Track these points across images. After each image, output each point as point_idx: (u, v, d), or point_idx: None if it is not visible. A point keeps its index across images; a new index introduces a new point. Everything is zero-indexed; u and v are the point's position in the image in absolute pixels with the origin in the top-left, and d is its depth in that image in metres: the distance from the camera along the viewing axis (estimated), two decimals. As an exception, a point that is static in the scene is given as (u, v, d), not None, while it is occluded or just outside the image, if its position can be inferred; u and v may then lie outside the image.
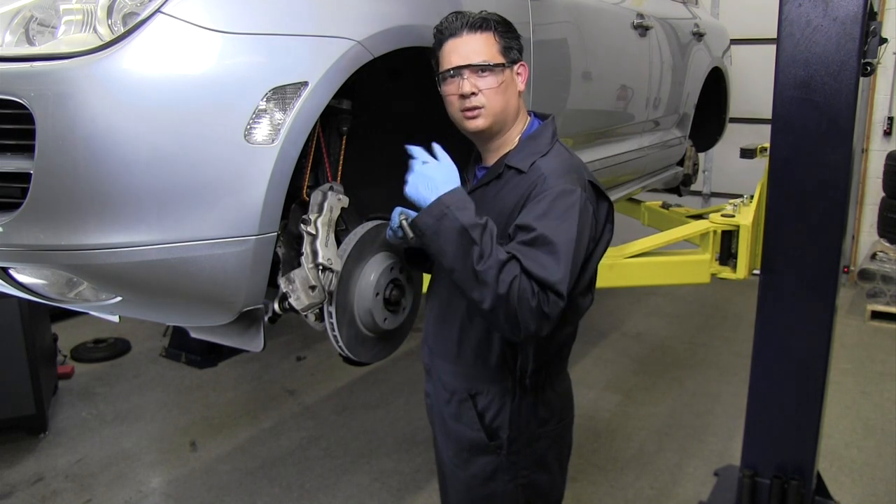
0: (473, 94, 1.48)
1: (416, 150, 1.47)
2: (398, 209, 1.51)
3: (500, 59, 1.49)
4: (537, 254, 1.36)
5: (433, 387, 1.74)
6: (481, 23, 1.49)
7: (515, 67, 1.53)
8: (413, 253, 1.70)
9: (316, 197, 1.60)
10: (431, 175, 1.40)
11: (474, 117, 1.50)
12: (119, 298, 1.42)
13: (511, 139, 1.56)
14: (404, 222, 1.44)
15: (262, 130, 1.34)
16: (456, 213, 1.34)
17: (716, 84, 4.31)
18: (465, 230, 1.33)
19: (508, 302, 1.32)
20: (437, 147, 1.48)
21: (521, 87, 1.55)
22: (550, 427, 1.64)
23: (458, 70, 1.48)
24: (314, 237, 1.56)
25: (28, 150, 1.25)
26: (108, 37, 1.25)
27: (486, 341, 1.59)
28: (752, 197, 3.20)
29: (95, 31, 1.26)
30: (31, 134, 1.23)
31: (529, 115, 1.61)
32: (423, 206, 1.39)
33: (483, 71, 1.47)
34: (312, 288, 1.56)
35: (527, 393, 1.60)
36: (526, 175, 1.49)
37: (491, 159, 1.59)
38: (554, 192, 1.42)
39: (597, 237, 1.52)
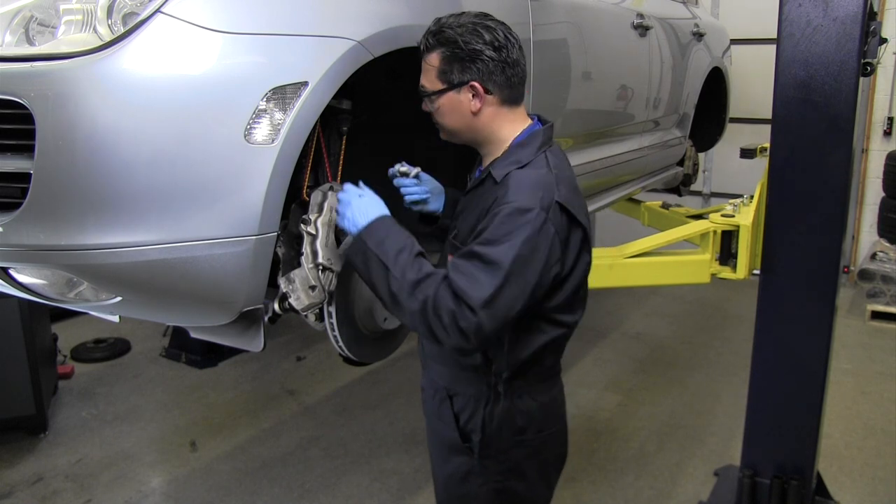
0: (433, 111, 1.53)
1: (349, 186, 1.54)
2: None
3: (437, 86, 1.48)
4: (469, 267, 1.35)
5: (427, 382, 1.74)
6: (426, 44, 1.48)
7: (462, 89, 1.46)
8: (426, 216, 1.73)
9: (316, 197, 1.60)
10: (362, 206, 1.49)
11: (440, 131, 1.56)
12: (119, 298, 1.42)
13: (500, 146, 1.53)
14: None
15: (262, 130, 1.34)
16: (369, 245, 1.43)
17: (716, 84, 4.31)
18: (378, 259, 1.41)
19: (423, 319, 1.36)
20: (362, 186, 1.55)
21: (476, 106, 1.47)
22: (528, 436, 1.59)
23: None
24: (314, 237, 1.56)
25: (28, 150, 1.25)
26: (108, 37, 1.25)
27: None
28: (752, 197, 3.19)
29: (95, 31, 1.26)
30: (31, 134, 1.23)
31: (532, 118, 1.58)
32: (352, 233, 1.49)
33: (426, 95, 1.51)
34: (312, 288, 1.56)
35: (500, 399, 1.56)
36: (499, 184, 1.47)
37: (485, 163, 1.58)
38: (507, 209, 1.38)
39: (565, 262, 1.45)
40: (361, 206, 1.49)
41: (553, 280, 1.43)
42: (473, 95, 1.47)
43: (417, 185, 1.68)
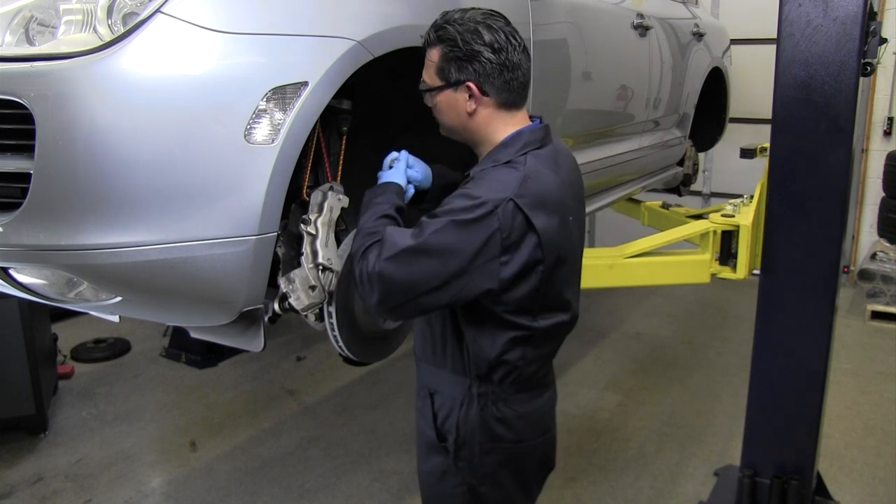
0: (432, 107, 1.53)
1: (404, 153, 1.63)
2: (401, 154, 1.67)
3: (435, 82, 1.47)
4: (405, 229, 1.40)
5: (418, 380, 1.74)
6: (428, 39, 1.47)
7: (459, 89, 1.45)
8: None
9: (316, 197, 1.60)
10: (387, 172, 1.61)
11: (440, 127, 1.57)
12: (119, 298, 1.42)
13: (491, 145, 1.51)
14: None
15: (262, 130, 1.34)
16: (366, 198, 1.54)
17: (716, 84, 4.31)
18: (363, 211, 1.51)
19: (355, 261, 1.42)
20: (400, 156, 1.63)
21: (471, 107, 1.46)
22: (505, 445, 1.57)
23: None
24: (314, 237, 1.56)
25: (28, 150, 1.25)
26: (108, 37, 1.25)
27: (441, 341, 1.58)
28: (752, 197, 3.19)
29: (95, 31, 1.27)
30: (31, 134, 1.23)
31: (533, 121, 1.55)
32: None
33: (424, 90, 1.51)
34: (312, 288, 1.56)
35: (474, 402, 1.55)
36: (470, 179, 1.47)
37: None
38: (458, 192, 1.40)
39: (508, 266, 1.38)
40: (387, 172, 1.60)
41: (489, 287, 1.39)
42: (470, 96, 1.45)
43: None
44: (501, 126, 1.50)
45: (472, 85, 1.44)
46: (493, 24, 1.44)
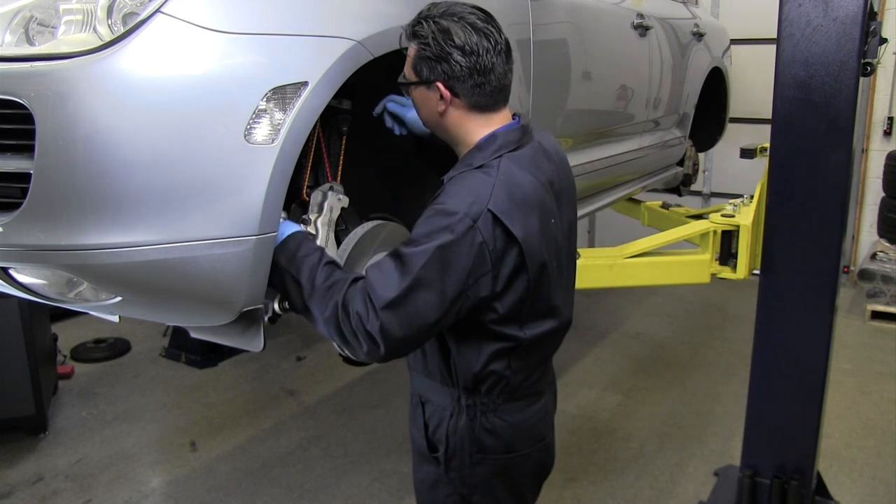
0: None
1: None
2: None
3: (411, 77, 1.44)
4: (387, 264, 1.31)
5: (412, 387, 1.74)
6: (406, 33, 1.44)
7: (431, 87, 1.41)
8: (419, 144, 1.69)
9: (316, 197, 1.60)
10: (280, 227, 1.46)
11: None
12: (119, 298, 1.41)
13: (467, 146, 1.47)
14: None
15: (262, 130, 1.34)
16: (281, 263, 1.41)
17: (716, 84, 4.31)
18: (290, 275, 1.39)
19: (336, 323, 1.33)
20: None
21: (440, 107, 1.42)
22: (493, 456, 1.54)
23: None
24: (314, 237, 1.56)
25: (28, 150, 1.25)
26: (108, 37, 1.25)
27: (429, 351, 1.56)
28: (752, 197, 3.20)
29: (95, 31, 1.26)
30: (31, 134, 1.23)
31: (514, 119, 1.50)
32: None
33: (401, 84, 1.48)
34: (312, 288, 1.55)
35: (462, 412, 1.53)
36: (442, 186, 1.43)
37: None
38: (432, 210, 1.35)
39: (498, 279, 1.36)
40: (283, 224, 1.46)
41: (483, 295, 1.36)
42: (441, 97, 1.41)
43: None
44: (476, 127, 1.45)
45: (440, 86, 1.40)
46: (471, 23, 1.39)
